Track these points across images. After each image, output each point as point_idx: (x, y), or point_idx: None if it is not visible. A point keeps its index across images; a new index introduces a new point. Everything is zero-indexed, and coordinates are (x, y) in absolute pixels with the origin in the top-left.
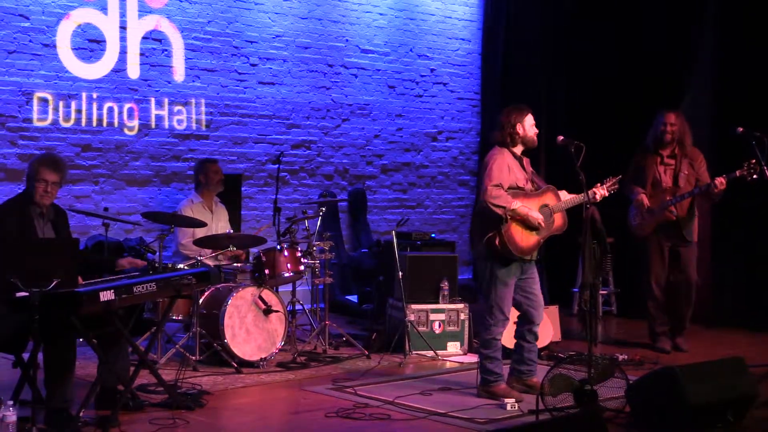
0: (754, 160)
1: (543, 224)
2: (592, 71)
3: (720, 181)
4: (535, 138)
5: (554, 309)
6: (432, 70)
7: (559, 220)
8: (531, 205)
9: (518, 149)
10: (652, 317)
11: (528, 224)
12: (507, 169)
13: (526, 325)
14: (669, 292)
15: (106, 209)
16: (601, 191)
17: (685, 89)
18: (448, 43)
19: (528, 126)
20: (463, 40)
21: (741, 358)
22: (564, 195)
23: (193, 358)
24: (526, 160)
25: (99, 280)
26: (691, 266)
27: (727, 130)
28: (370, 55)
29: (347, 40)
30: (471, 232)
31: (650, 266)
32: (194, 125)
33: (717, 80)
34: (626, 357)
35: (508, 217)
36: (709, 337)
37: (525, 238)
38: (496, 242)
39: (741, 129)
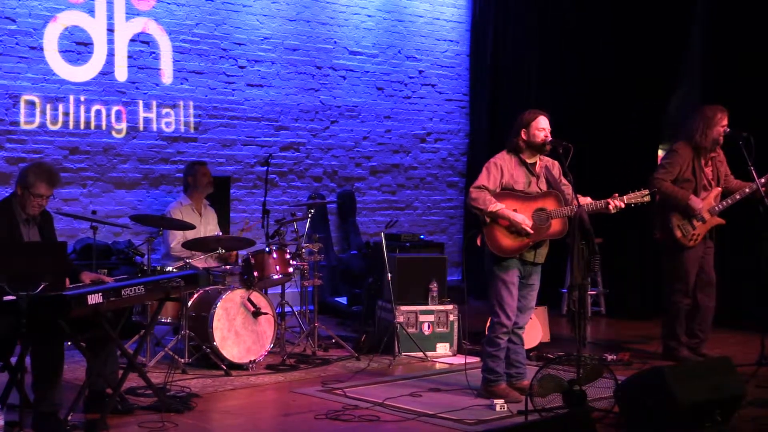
0: None
1: (528, 227)
2: (582, 72)
3: None
4: (542, 142)
5: (543, 310)
6: (420, 72)
7: (557, 225)
8: (524, 208)
9: (527, 155)
10: (679, 328)
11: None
12: (500, 171)
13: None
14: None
15: (94, 212)
16: (617, 202)
17: (673, 89)
18: (437, 45)
19: (533, 131)
20: (451, 41)
21: (728, 358)
22: (585, 201)
23: (182, 360)
24: (542, 165)
25: (87, 283)
26: (712, 265)
27: None
28: (358, 57)
29: (335, 42)
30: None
31: (687, 276)
32: (182, 128)
33: (705, 80)
34: (615, 357)
35: (487, 219)
36: None
37: (507, 239)
38: (477, 241)
39: (728, 129)
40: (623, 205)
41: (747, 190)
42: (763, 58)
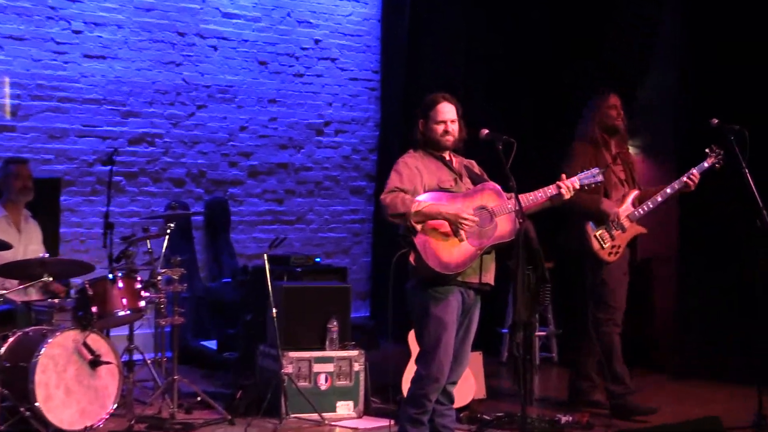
0: (715, 146)
1: (471, 219)
2: (524, 47)
3: (696, 176)
4: (442, 137)
5: (477, 356)
6: (317, 42)
7: (505, 225)
8: (462, 207)
9: (436, 148)
10: (616, 363)
11: (452, 230)
12: (416, 172)
13: None
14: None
15: None
16: (568, 183)
17: (645, 72)
18: (338, 7)
19: (431, 124)
20: (357, 2)
21: (716, 418)
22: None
23: None
24: (459, 160)
25: None
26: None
27: (695, 120)
28: (234, 21)
29: (204, 1)
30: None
31: (614, 297)
32: None
33: (683, 61)
34: (570, 419)
35: (416, 226)
36: (675, 391)
37: (450, 250)
38: (411, 260)
39: (716, 121)
40: (577, 186)
41: (668, 190)
42: (744, 47)
